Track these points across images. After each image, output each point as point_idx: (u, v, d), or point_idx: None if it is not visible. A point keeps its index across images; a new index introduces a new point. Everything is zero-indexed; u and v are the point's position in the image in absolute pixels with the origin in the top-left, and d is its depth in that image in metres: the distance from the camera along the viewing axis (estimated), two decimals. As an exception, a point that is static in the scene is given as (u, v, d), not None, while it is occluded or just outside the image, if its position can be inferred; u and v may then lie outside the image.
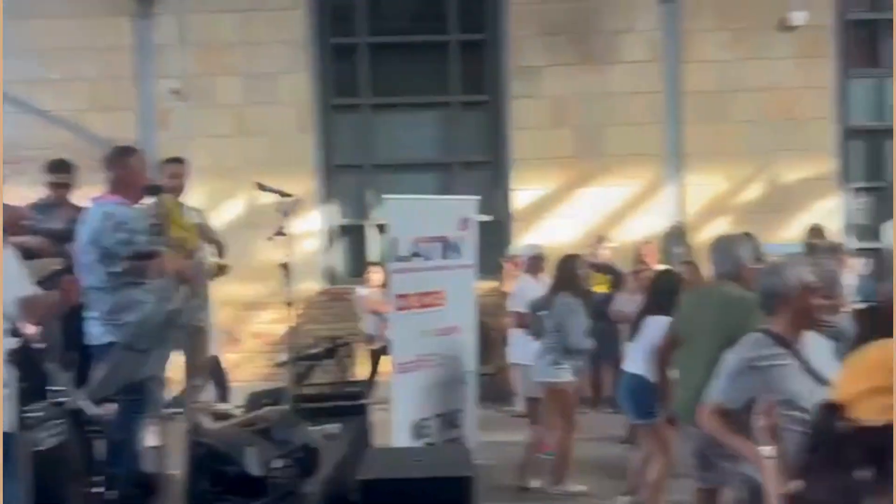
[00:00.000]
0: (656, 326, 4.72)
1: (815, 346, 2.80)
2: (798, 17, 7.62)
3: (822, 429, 1.23)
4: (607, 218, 7.83)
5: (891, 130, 8.07)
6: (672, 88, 7.81)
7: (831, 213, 7.86)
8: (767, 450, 2.28)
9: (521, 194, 7.92)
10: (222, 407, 5.29)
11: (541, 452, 5.93)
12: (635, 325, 4.96)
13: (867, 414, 1.18)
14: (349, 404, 4.51)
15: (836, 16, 7.85)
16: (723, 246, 3.74)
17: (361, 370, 7.03)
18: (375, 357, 7.09)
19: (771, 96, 7.79)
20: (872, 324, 6.75)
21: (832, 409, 1.22)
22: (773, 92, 7.79)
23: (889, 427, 1.13)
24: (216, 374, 5.78)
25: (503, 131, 7.99)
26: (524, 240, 7.59)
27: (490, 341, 7.25)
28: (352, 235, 8.30)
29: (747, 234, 6.16)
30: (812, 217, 7.67)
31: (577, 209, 7.84)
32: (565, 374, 5.04)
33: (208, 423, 3.96)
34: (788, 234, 7.34)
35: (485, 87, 8.14)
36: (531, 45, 7.85)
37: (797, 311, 2.70)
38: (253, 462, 3.17)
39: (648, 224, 7.81)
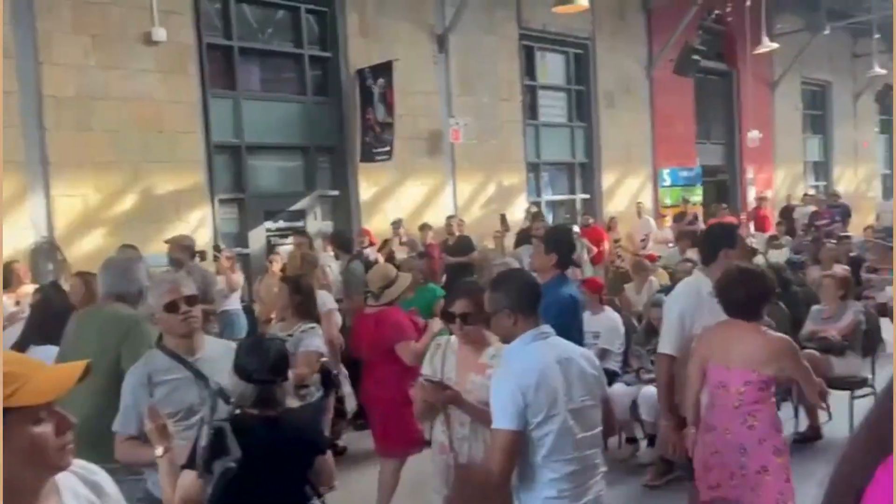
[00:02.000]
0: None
1: (221, 352, 2.88)
2: (160, 34, 7.85)
3: None
4: (-45, 234, 6.65)
5: (249, 147, 9.07)
6: (29, 90, 7.10)
7: (202, 222, 8.35)
8: (160, 450, 2.31)
9: None
10: None
11: None
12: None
13: None
14: None
15: (195, 37, 8.35)
16: (119, 266, 3.55)
17: None
18: None
19: (138, 107, 7.82)
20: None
21: None
22: (139, 103, 7.84)
23: None
24: None
25: None
26: None
27: None
28: None
29: (133, 248, 6.09)
30: (186, 227, 8.01)
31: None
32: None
33: None
34: (163, 245, 7.50)
35: None
36: None
37: (172, 325, 2.77)
38: None
39: (10, 240, 6.94)
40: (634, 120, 13.45)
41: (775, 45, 13.30)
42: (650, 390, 5.21)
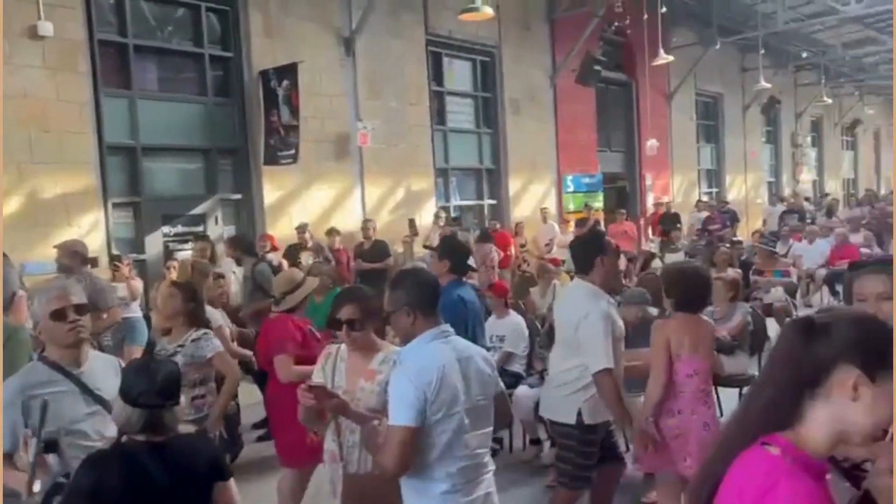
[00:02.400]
0: None
1: (102, 365, 2.79)
2: (46, 28, 7.41)
3: None
4: None
5: (145, 149, 8.69)
6: None
7: (95, 226, 7.94)
8: (37, 484, 2.14)
9: None
10: None
11: None
12: None
13: None
14: None
15: (86, 33, 7.94)
16: None
17: None
18: None
19: (24, 105, 7.37)
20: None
21: None
22: (25, 100, 7.38)
23: None
24: None
25: None
26: None
27: None
28: None
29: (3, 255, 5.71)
30: (76, 232, 7.59)
31: None
32: None
33: None
34: (51, 251, 7.09)
35: None
36: None
37: (57, 334, 2.64)
38: None
39: None
40: (539, 127, 13.74)
41: (671, 58, 13.90)
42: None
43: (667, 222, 13.95)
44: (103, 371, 2.75)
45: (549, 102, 13.97)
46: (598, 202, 14.87)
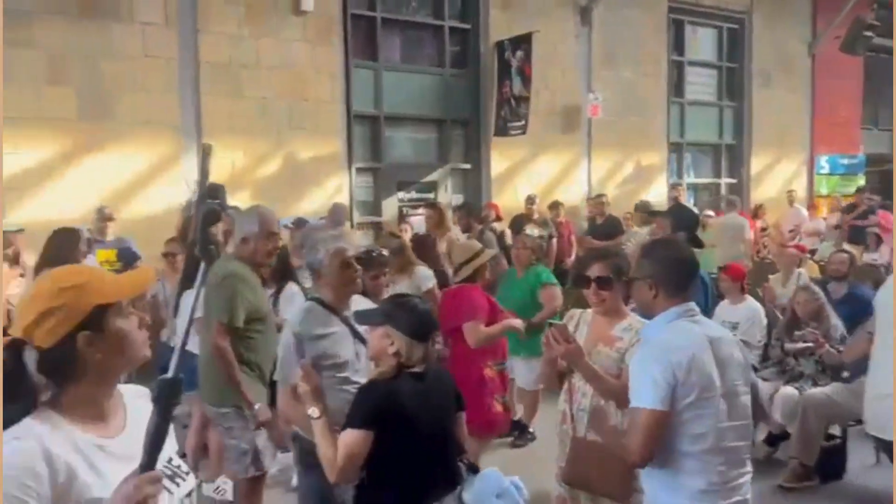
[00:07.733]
0: (189, 301, 4.53)
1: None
2: (308, 3, 8.08)
3: (8, 364, 1.29)
4: (117, 189, 7.19)
5: (387, 118, 9.20)
6: (188, 57, 7.52)
7: (339, 190, 8.58)
8: (314, 410, 2.33)
9: (12, 158, 6.74)
10: None
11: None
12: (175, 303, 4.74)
13: (42, 339, 1.31)
14: None
15: (341, 7, 8.53)
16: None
17: None
18: None
19: (284, 76, 8.11)
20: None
21: (14, 344, 1.30)
22: (286, 71, 8.12)
23: None
24: None
25: (-15, 83, 6.66)
26: (17, 214, 6.52)
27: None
28: None
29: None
30: (323, 193, 8.27)
31: (81, 178, 7.01)
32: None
33: None
34: (302, 208, 7.77)
35: (-43, 27, 6.65)
36: (19, -14, 6.70)
37: (338, 281, 2.87)
38: None
39: (166, 196, 7.41)
40: (792, 101, 12.46)
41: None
42: (787, 390, 4.93)
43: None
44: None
45: (805, 74, 12.61)
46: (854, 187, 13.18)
